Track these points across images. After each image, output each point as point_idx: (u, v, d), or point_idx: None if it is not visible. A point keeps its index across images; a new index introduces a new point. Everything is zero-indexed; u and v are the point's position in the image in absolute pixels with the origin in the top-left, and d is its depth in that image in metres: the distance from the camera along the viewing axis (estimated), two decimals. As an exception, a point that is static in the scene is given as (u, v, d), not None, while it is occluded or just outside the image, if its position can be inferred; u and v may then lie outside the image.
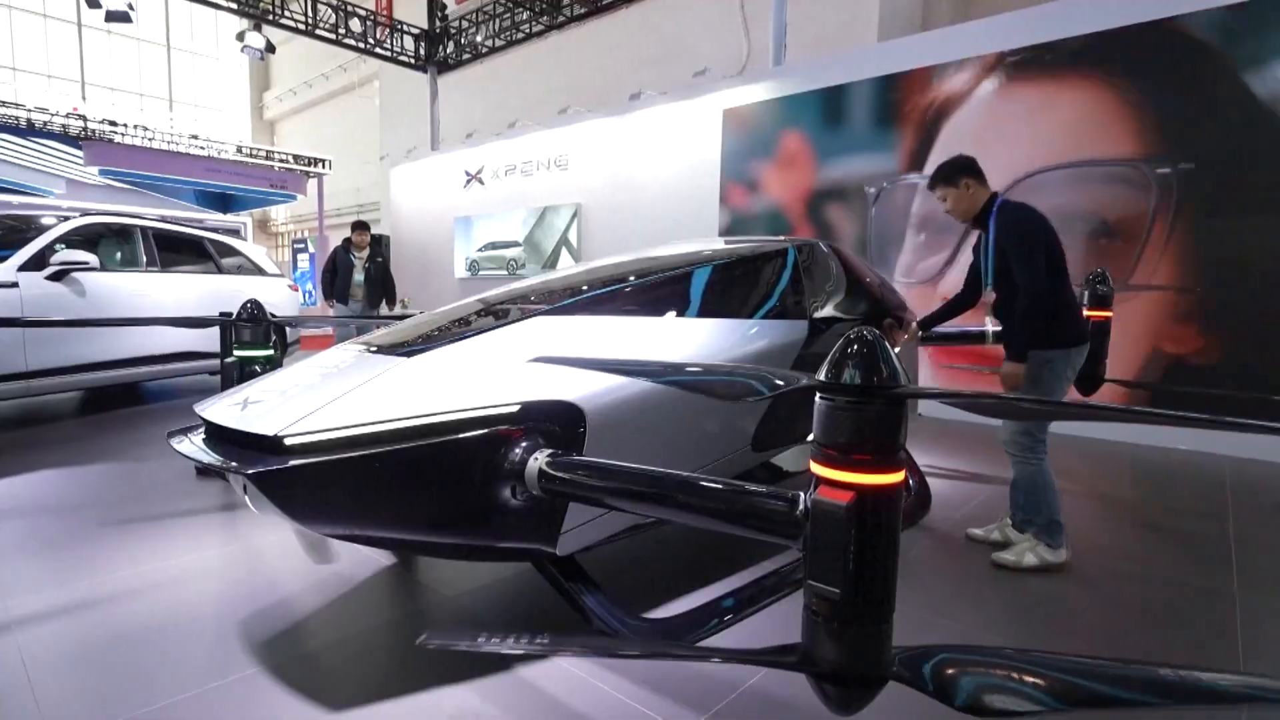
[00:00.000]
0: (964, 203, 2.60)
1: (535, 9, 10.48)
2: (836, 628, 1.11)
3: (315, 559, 2.48)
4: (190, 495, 3.32)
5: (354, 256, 6.60)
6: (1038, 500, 2.50)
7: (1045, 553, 2.49)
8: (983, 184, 2.60)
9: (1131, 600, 2.34)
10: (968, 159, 2.64)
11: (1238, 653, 2.01)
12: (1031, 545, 2.51)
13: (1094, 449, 4.54)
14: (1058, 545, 2.50)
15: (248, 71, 26.14)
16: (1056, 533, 2.49)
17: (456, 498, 1.70)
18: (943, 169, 2.63)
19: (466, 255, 10.37)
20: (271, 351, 3.02)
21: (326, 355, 2.18)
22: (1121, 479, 3.99)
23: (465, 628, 1.45)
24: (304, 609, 2.19)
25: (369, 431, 1.60)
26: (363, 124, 20.70)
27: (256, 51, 11.35)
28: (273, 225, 27.32)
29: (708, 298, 2.54)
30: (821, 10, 9.84)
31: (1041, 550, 2.49)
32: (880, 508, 1.09)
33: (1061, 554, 2.50)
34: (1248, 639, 2.08)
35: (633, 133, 8.11)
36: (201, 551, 2.66)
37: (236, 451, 1.68)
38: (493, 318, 2.29)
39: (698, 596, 2.23)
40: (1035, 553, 2.49)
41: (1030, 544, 2.52)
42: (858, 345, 1.12)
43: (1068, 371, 2.50)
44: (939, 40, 5.85)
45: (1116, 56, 4.81)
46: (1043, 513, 2.49)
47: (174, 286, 5.64)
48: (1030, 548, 2.51)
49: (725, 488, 1.29)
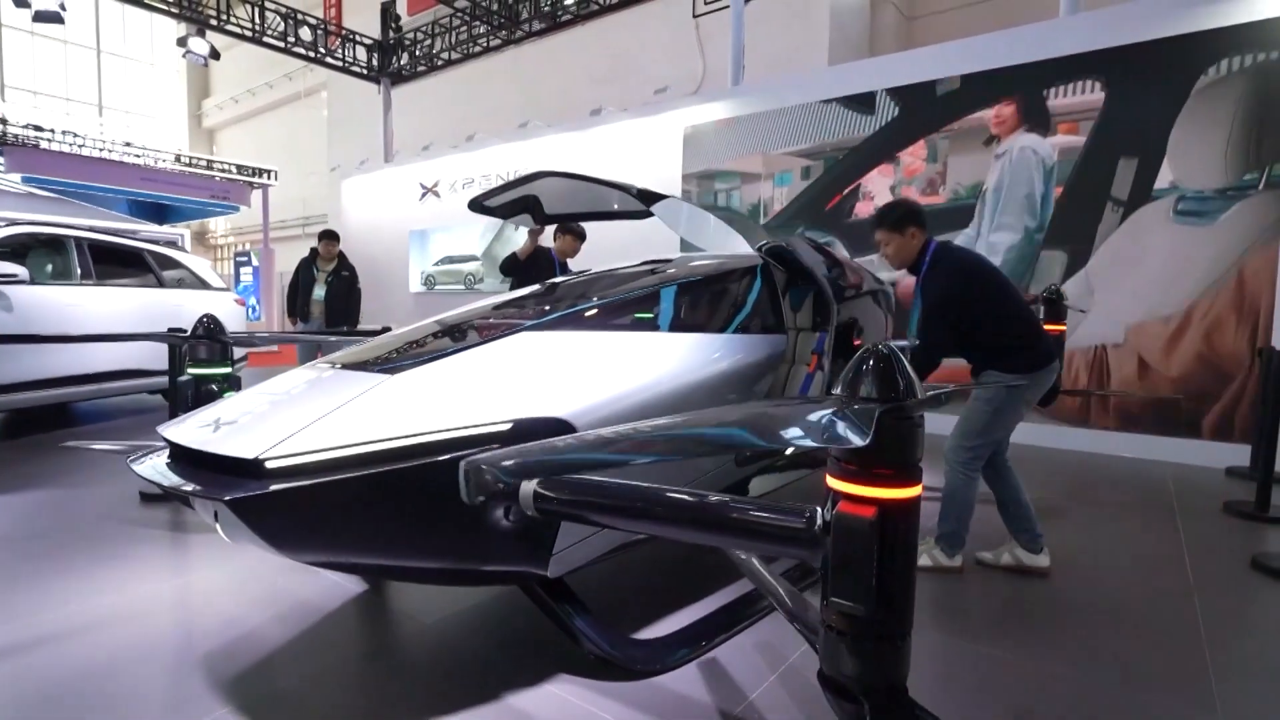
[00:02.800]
0: (905, 250, 2.60)
1: (493, 23, 10.43)
2: (859, 644, 1.11)
3: (273, 591, 2.35)
4: (136, 523, 3.11)
5: (317, 269, 6.19)
6: (952, 510, 2.61)
7: (941, 558, 2.64)
8: (923, 231, 2.60)
9: (1109, 602, 2.43)
10: (915, 206, 2.66)
11: (1204, 653, 2.10)
12: (928, 548, 2.65)
13: (1049, 458, 4.72)
14: (952, 555, 2.64)
15: (185, 78, 25.18)
16: (955, 543, 2.63)
17: (446, 521, 1.64)
18: (889, 213, 2.61)
19: (422, 269, 10.16)
20: (230, 369, 2.86)
21: (298, 373, 2.08)
22: (1079, 485, 4.14)
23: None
24: (270, 643, 2.06)
25: (356, 453, 1.52)
26: (310, 134, 20.16)
27: (200, 58, 10.93)
28: (211, 237, 26.25)
29: (704, 311, 2.53)
30: (774, 33, 10.13)
31: (938, 555, 2.64)
32: (902, 522, 1.09)
33: (957, 560, 2.65)
34: (1212, 638, 2.18)
35: (594, 148, 8.12)
36: (153, 583, 2.48)
37: (206, 476, 1.58)
38: (474, 333, 2.23)
39: (687, 614, 2.20)
40: (931, 555, 2.64)
41: (926, 546, 2.65)
42: (874, 359, 1.13)
43: (1031, 391, 2.57)
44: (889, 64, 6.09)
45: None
46: (948, 522, 2.62)
47: (111, 300, 5.32)
48: (927, 550, 2.65)
49: (739, 504, 1.27)
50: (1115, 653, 2.08)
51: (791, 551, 1.19)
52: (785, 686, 1.83)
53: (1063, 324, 3.59)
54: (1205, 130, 4.57)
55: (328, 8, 14.19)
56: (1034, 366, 2.55)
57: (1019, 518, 2.67)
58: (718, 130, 7.04)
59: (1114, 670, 1.98)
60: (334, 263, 6.22)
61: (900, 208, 2.65)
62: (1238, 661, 2.07)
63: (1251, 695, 1.89)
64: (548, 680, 1.84)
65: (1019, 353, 2.54)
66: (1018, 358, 2.54)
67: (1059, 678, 1.93)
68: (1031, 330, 2.61)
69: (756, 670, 1.91)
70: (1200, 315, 4.62)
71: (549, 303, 2.50)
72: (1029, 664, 2.01)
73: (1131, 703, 1.82)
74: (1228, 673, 1.98)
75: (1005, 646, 2.11)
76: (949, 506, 2.62)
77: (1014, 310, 2.57)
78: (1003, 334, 2.54)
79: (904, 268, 2.66)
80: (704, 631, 2.00)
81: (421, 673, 1.92)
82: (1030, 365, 2.54)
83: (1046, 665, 2.00)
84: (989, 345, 2.58)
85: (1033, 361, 2.55)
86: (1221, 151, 4.53)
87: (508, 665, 1.93)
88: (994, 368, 2.59)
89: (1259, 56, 4.43)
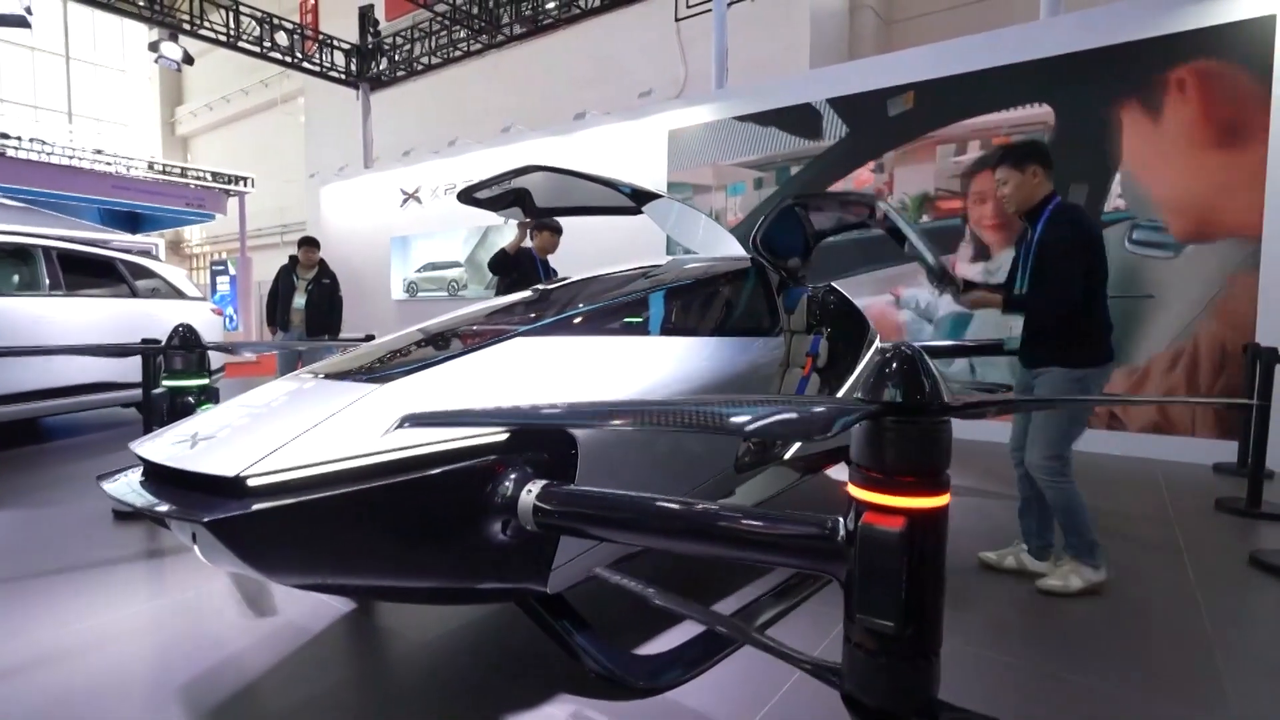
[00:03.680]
0: (1024, 191, 2.45)
1: (473, 27, 10.33)
2: (887, 663, 1.05)
3: (255, 612, 2.25)
4: (109, 543, 2.98)
5: (297, 277, 6.02)
6: (1075, 522, 2.46)
7: (1089, 574, 2.46)
8: (1049, 177, 2.46)
9: (1112, 604, 2.40)
10: (1044, 145, 2.49)
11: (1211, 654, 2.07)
12: (1074, 568, 2.47)
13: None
14: (1098, 564, 2.47)
15: (158, 84, 24.72)
16: (1096, 552, 2.47)
17: (442, 537, 1.55)
18: (1014, 149, 2.47)
19: (404, 276, 10.01)
20: (206, 381, 2.75)
21: (278, 385, 1.98)
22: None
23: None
24: (256, 668, 1.96)
25: (346, 468, 1.44)
26: (287, 141, 19.86)
27: (173, 63, 10.70)
28: (186, 246, 25.76)
29: (704, 314, 2.48)
30: (756, 38, 10.14)
31: (1085, 572, 2.46)
32: (932, 533, 1.03)
33: (1102, 572, 2.47)
34: (1220, 638, 2.15)
35: (578, 152, 8.06)
36: (130, 606, 2.36)
37: (182, 495, 1.48)
38: (465, 340, 2.15)
39: (691, 626, 2.13)
40: (1079, 574, 2.46)
41: (1072, 566, 2.48)
42: (898, 361, 1.07)
43: (1095, 391, 2.47)
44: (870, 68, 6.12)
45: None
46: (1081, 534, 2.46)
47: (82, 311, 5.15)
48: (1073, 570, 2.47)
49: (755, 515, 1.21)
50: (1122, 655, 2.05)
51: (811, 565, 1.13)
52: (797, 700, 1.77)
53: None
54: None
55: (304, 12, 13.98)
56: (1096, 361, 2.44)
57: (1038, 522, 2.62)
58: (703, 133, 7.03)
59: (1122, 674, 1.94)
60: (314, 270, 6.06)
61: (1026, 143, 2.49)
62: (1247, 662, 2.04)
63: (1264, 697, 1.86)
64: (547, 701, 1.76)
65: (1089, 342, 2.42)
66: (1083, 349, 2.42)
67: (1066, 681, 1.89)
68: (1108, 322, 2.48)
69: (767, 684, 1.84)
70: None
71: (543, 307, 2.43)
72: (1032, 667, 1.97)
73: (1141, 707, 1.78)
74: (1239, 674, 1.95)
75: (1011, 650, 2.06)
76: (1069, 521, 2.46)
77: (1104, 295, 2.45)
78: (1091, 315, 2.41)
79: (1020, 212, 2.51)
80: (710, 644, 1.93)
81: (415, 697, 1.83)
82: (1092, 359, 2.43)
83: (1047, 667, 1.96)
84: (1073, 324, 2.42)
85: (1095, 355, 2.43)
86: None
87: (505, 686, 1.85)
88: (1055, 362, 2.45)
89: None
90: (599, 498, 1.40)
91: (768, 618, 2.18)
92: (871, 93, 5.91)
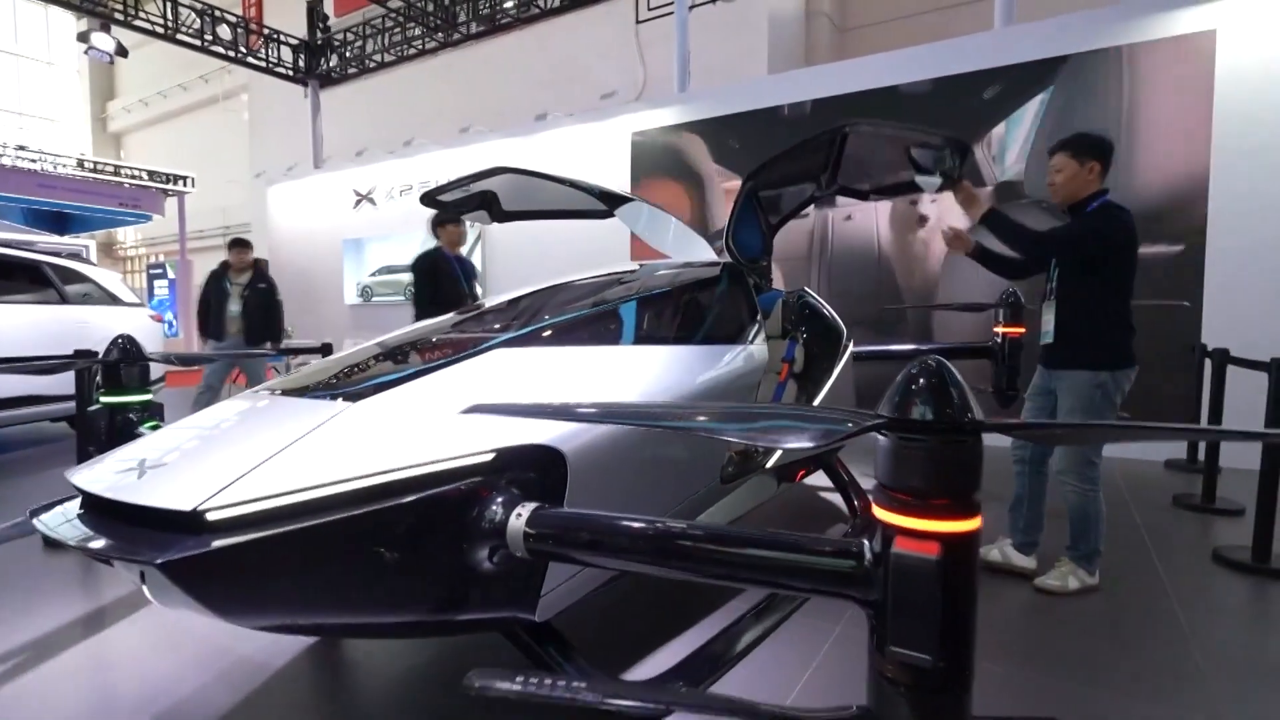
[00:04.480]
0: (1076, 182, 2.43)
1: (429, 25, 10.06)
2: (921, 699, 0.98)
3: (209, 648, 2.07)
4: (39, 574, 2.73)
5: (229, 283, 5.55)
6: (1089, 531, 2.48)
7: (1084, 577, 2.51)
8: (1103, 178, 2.45)
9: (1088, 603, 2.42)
10: (1109, 144, 2.46)
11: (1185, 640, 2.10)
12: (1073, 570, 2.50)
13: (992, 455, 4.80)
14: (1094, 571, 2.52)
15: (87, 78, 23.40)
16: (1095, 560, 2.52)
17: (425, 568, 1.43)
18: (1078, 139, 2.45)
19: (358, 280, 9.67)
20: (150, 397, 2.53)
21: (231, 405, 1.83)
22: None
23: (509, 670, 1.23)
24: (211, 711, 1.80)
25: (317, 496, 1.31)
26: (229, 139, 19.04)
27: (104, 54, 10.06)
28: (119, 249, 24.43)
29: (690, 322, 2.40)
30: (713, 41, 10.16)
31: (1081, 574, 2.51)
32: (965, 559, 0.98)
33: (1095, 578, 2.53)
34: (1196, 636, 2.19)
35: (539, 154, 7.91)
36: (66, 646, 2.14)
37: (129, 531, 1.33)
38: (439, 351, 2.02)
39: (683, 644, 2.05)
40: (1076, 576, 2.50)
41: (1071, 569, 2.51)
42: (925, 376, 1.01)
43: (1117, 396, 2.45)
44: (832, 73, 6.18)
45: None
46: (1090, 541, 2.49)
47: (5, 319, 4.76)
48: (1071, 572, 2.50)
49: (769, 538, 1.13)
50: (1101, 658, 2.05)
51: (838, 592, 1.06)
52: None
53: (1022, 326, 3.64)
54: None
55: (247, 6, 13.39)
56: (1118, 363, 2.43)
57: (1029, 519, 2.65)
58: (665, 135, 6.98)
59: (1100, 675, 1.95)
60: (248, 273, 5.56)
61: (1093, 137, 2.45)
62: (1225, 661, 2.07)
63: (1249, 696, 1.89)
64: (536, 735, 1.66)
65: (1116, 345, 2.43)
66: (1106, 350, 2.42)
67: (1049, 683, 1.88)
68: (1130, 325, 2.47)
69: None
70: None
71: (520, 316, 2.32)
72: (1018, 673, 1.95)
73: (1128, 708, 1.78)
74: (1219, 674, 1.98)
75: (991, 656, 2.05)
76: (1085, 526, 2.48)
77: (1129, 299, 2.45)
78: (1118, 312, 2.42)
79: (1066, 205, 2.49)
80: (705, 664, 1.85)
81: (391, 737, 1.70)
82: (1113, 361, 2.42)
83: (1026, 672, 1.95)
84: (1096, 319, 2.43)
85: (1117, 358, 2.43)
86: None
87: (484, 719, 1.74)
88: (1078, 363, 2.45)
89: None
90: (598, 521, 1.31)
91: (749, 640, 2.08)
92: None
